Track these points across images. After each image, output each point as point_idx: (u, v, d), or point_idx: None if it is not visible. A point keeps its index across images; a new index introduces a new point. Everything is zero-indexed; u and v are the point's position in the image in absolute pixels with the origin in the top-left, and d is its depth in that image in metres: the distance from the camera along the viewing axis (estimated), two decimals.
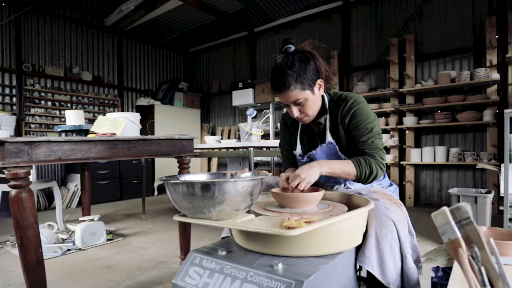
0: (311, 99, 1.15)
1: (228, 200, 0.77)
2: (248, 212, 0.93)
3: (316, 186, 1.21)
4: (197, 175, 0.99)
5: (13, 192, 1.33)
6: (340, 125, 1.21)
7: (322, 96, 1.24)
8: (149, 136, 1.78)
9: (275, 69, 1.13)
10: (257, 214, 0.92)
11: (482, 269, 0.44)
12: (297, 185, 1.01)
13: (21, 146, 1.32)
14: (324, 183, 1.32)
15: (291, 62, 1.10)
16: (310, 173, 1.03)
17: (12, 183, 1.32)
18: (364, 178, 1.12)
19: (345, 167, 1.10)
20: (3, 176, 2.82)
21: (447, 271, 0.98)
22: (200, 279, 0.83)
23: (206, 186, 0.76)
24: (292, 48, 1.15)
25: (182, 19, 5.50)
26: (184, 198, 0.79)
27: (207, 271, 0.83)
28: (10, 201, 1.33)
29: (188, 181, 0.79)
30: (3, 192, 2.64)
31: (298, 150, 1.34)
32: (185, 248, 2.00)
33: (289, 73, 1.10)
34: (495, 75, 3.45)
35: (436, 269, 1.02)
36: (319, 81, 1.16)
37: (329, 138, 1.23)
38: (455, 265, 0.79)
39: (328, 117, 1.24)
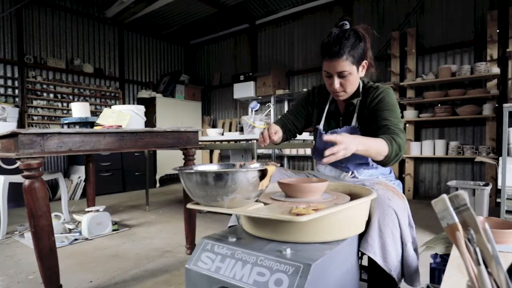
0: (354, 75, 1.21)
1: (240, 189, 0.82)
2: (257, 201, 0.97)
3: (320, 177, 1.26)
4: (209, 165, 1.03)
5: (26, 182, 1.37)
6: (367, 109, 1.26)
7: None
8: (155, 129, 1.82)
9: (332, 37, 1.18)
10: (265, 203, 0.97)
11: (477, 249, 0.49)
12: (335, 153, 0.89)
13: (34, 137, 1.36)
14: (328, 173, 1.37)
15: (348, 35, 1.17)
16: (351, 148, 0.93)
17: (25, 173, 1.36)
18: (392, 158, 1.08)
19: (379, 147, 1.04)
20: (10, 167, 2.87)
21: (445, 257, 1.03)
22: (212, 264, 0.87)
23: (219, 176, 0.80)
24: (348, 25, 1.21)
25: (183, 11, 5.48)
26: (198, 186, 0.83)
27: (219, 256, 0.88)
28: (23, 191, 1.37)
29: (202, 170, 0.84)
30: (10, 183, 2.69)
31: (322, 126, 1.38)
32: (190, 237, 2.06)
33: (346, 43, 1.15)
34: (495, 69, 3.48)
35: (434, 256, 1.07)
36: (364, 63, 1.23)
37: (354, 122, 1.28)
38: (453, 252, 0.84)
39: (359, 100, 1.29)
